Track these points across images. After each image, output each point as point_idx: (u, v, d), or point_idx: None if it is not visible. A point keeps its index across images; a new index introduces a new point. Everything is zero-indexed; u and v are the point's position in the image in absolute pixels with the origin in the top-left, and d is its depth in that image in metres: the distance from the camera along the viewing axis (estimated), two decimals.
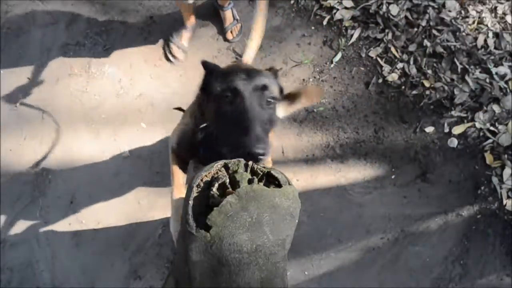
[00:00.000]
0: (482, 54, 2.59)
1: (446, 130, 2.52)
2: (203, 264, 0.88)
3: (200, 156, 1.43)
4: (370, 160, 2.48)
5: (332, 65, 2.59)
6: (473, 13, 2.67)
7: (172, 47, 2.50)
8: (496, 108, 2.52)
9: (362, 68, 2.60)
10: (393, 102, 2.56)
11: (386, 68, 2.59)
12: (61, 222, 2.32)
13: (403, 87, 2.57)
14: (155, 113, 2.47)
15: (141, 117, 2.46)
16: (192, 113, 1.47)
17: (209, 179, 0.97)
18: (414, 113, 2.55)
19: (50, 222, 2.32)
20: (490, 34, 2.63)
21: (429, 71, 2.57)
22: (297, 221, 0.97)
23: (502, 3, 2.69)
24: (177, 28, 2.51)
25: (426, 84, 2.56)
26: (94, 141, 2.42)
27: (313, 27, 2.64)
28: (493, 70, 2.55)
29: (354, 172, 2.46)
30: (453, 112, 2.53)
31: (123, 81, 2.50)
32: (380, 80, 2.58)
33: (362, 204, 2.42)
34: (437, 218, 2.42)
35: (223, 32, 2.57)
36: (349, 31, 2.63)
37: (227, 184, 0.96)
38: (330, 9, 2.65)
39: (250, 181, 0.95)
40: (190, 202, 0.92)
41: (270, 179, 1.00)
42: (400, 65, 2.58)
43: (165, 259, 2.29)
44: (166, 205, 2.36)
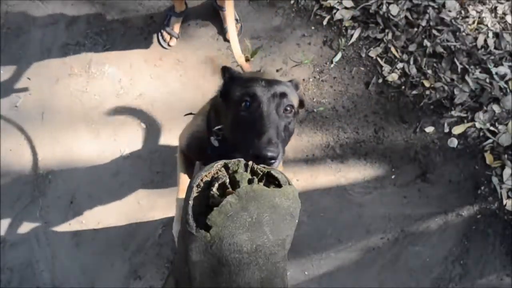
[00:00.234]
0: (482, 54, 2.59)
1: (446, 130, 2.52)
2: (203, 264, 0.88)
3: (208, 157, 1.43)
4: (370, 160, 2.48)
5: (332, 65, 2.59)
6: (473, 13, 2.67)
7: (164, 34, 2.53)
8: (496, 108, 2.52)
9: (362, 68, 2.60)
10: (393, 102, 2.56)
11: (386, 68, 2.58)
12: (61, 222, 2.32)
13: (403, 87, 2.57)
14: (155, 113, 2.47)
15: (141, 117, 2.46)
16: (204, 116, 1.47)
17: (209, 179, 0.97)
18: (414, 113, 2.54)
19: (50, 222, 2.32)
20: (490, 34, 2.63)
21: (429, 71, 2.57)
22: (297, 221, 0.97)
23: (502, 3, 2.69)
24: (168, 15, 2.52)
25: (426, 84, 2.56)
26: (94, 141, 2.42)
27: (313, 27, 2.64)
28: (493, 70, 2.55)
29: (354, 172, 2.46)
30: (453, 112, 2.53)
31: (123, 81, 2.50)
32: (380, 80, 2.58)
33: (362, 204, 2.42)
34: (437, 218, 2.42)
35: (223, 32, 2.57)
36: (349, 31, 2.63)
37: (227, 184, 0.96)
38: (330, 9, 2.65)
39: (250, 181, 0.95)
40: (190, 202, 0.92)
41: (270, 179, 1.00)
42: (400, 65, 2.58)
43: (165, 259, 2.29)
44: (166, 205, 2.37)
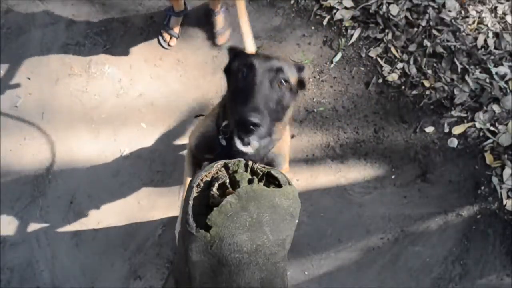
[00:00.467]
0: (482, 54, 2.59)
1: (446, 130, 2.52)
2: (203, 264, 0.88)
3: (217, 157, 1.43)
4: (370, 160, 2.48)
5: (332, 65, 2.59)
6: (473, 13, 2.67)
7: (164, 34, 2.53)
8: (496, 108, 2.52)
9: (362, 68, 2.60)
10: (393, 102, 2.56)
11: (386, 68, 2.58)
12: (61, 222, 2.32)
13: (403, 87, 2.57)
14: (155, 113, 2.47)
15: (141, 117, 2.46)
16: (214, 117, 1.50)
17: (209, 179, 0.97)
18: (414, 113, 2.54)
19: (50, 222, 2.32)
20: (490, 34, 2.63)
21: (429, 71, 2.57)
22: (297, 221, 0.97)
23: (502, 3, 2.69)
24: (168, 14, 2.52)
25: (426, 84, 2.56)
26: (94, 141, 2.42)
27: (313, 27, 2.64)
28: (493, 70, 2.55)
29: (354, 172, 2.46)
30: (453, 112, 2.53)
31: (123, 81, 2.50)
32: (380, 80, 2.58)
33: (362, 204, 2.42)
34: (437, 218, 2.42)
35: (213, 37, 2.55)
36: (349, 31, 2.63)
37: (227, 184, 0.96)
38: (330, 9, 2.65)
39: (250, 181, 0.95)
40: (190, 202, 0.92)
41: (270, 179, 1.00)
42: (400, 65, 2.58)
43: (165, 259, 2.29)
44: (166, 205, 2.37)
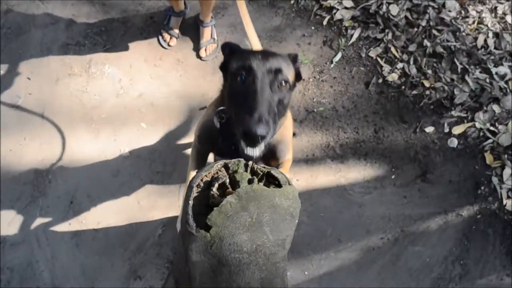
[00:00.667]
0: (482, 54, 2.59)
1: (446, 130, 2.52)
2: (203, 264, 0.88)
3: (219, 149, 1.43)
4: (370, 160, 2.48)
5: (332, 65, 2.59)
6: (473, 13, 2.67)
7: (164, 34, 2.52)
8: (496, 108, 2.52)
9: (362, 68, 2.60)
10: (393, 102, 2.56)
11: (386, 68, 2.58)
12: (61, 222, 2.32)
13: (403, 87, 2.57)
14: (155, 113, 2.47)
15: (141, 117, 2.46)
16: (215, 105, 1.49)
17: (209, 179, 0.97)
18: (414, 113, 2.54)
19: (50, 222, 2.32)
20: (490, 34, 2.63)
21: (429, 71, 2.57)
22: (297, 221, 0.97)
23: (502, 3, 2.69)
24: (168, 14, 2.52)
25: (426, 84, 2.56)
26: (94, 141, 2.42)
27: (313, 27, 2.64)
28: (493, 70, 2.55)
29: (354, 172, 2.46)
30: (453, 112, 2.53)
31: (123, 81, 2.50)
32: (380, 80, 2.58)
33: (362, 204, 2.42)
34: (437, 218, 2.42)
35: (197, 48, 2.54)
36: (349, 31, 2.63)
37: (227, 184, 0.96)
38: (330, 9, 2.65)
39: (250, 181, 0.95)
40: (190, 202, 0.92)
41: (270, 179, 1.00)
42: (400, 65, 2.58)
43: (165, 259, 2.29)
44: (166, 205, 2.37)
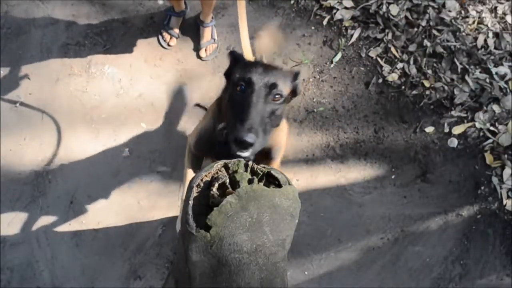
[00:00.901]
0: (482, 54, 2.59)
1: (446, 130, 2.52)
2: (203, 264, 0.88)
3: (216, 154, 1.46)
4: (370, 160, 2.48)
5: (332, 65, 2.59)
6: (473, 13, 2.67)
7: (164, 34, 2.52)
8: (496, 108, 2.52)
9: (362, 68, 2.60)
10: (393, 102, 2.56)
11: (386, 68, 2.58)
12: (61, 222, 2.32)
13: (403, 87, 2.57)
14: (155, 113, 2.47)
15: (141, 117, 2.46)
16: (213, 113, 1.57)
17: (209, 179, 0.97)
18: (414, 113, 2.54)
19: (50, 222, 2.32)
20: (490, 34, 2.63)
21: (429, 71, 2.57)
22: (297, 221, 0.97)
23: (502, 3, 2.69)
24: (168, 14, 2.52)
25: (426, 84, 2.56)
26: (94, 141, 2.42)
27: (313, 27, 2.64)
28: (493, 70, 2.55)
29: (354, 172, 2.46)
30: (453, 112, 2.53)
31: (123, 81, 2.50)
32: (380, 80, 2.58)
33: (362, 204, 2.42)
34: (437, 218, 2.42)
35: (197, 49, 2.54)
36: (349, 31, 2.63)
37: (227, 184, 0.96)
38: (330, 9, 2.65)
39: (250, 181, 0.95)
40: (190, 202, 0.92)
41: (270, 179, 1.00)
42: (400, 65, 2.58)
43: (165, 259, 2.29)
44: (166, 205, 2.37)
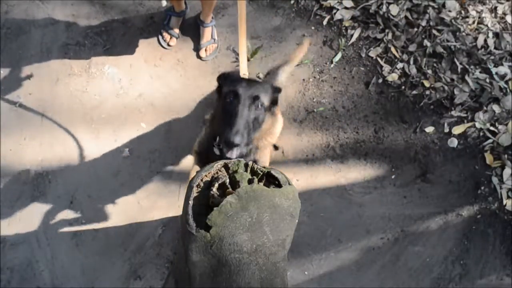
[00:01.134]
0: (482, 54, 2.59)
1: (446, 130, 2.52)
2: (203, 264, 0.88)
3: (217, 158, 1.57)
4: (370, 160, 2.48)
5: (332, 65, 2.59)
6: (473, 13, 2.67)
7: (164, 34, 2.52)
8: (496, 108, 2.52)
9: (362, 68, 2.60)
10: (393, 102, 2.56)
11: (386, 68, 2.58)
12: (61, 222, 2.32)
13: (403, 87, 2.57)
14: (155, 113, 2.47)
15: (141, 117, 2.46)
16: (210, 122, 1.79)
17: (209, 179, 0.97)
18: (414, 113, 2.54)
19: (50, 222, 2.32)
20: (490, 34, 2.63)
21: (429, 71, 2.57)
22: (297, 221, 0.97)
23: (502, 3, 2.69)
24: (168, 14, 2.52)
25: (426, 84, 2.56)
26: (94, 141, 2.42)
27: (313, 27, 2.64)
28: (493, 70, 2.55)
29: (354, 172, 2.46)
30: (453, 112, 2.53)
31: (123, 81, 2.50)
32: (380, 80, 2.58)
33: (362, 204, 2.42)
34: (437, 218, 2.42)
35: (197, 49, 2.54)
36: (349, 31, 2.63)
37: (227, 184, 0.96)
38: (330, 9, 2.65)
39: (250, 181, 0.95)
40: (190, 202, 0.92)
41: (270, 179, 1.00)
42: (400, 65, 2.58)
43: (165, 259, 2.29)
44: (166, 205, 2.37)
